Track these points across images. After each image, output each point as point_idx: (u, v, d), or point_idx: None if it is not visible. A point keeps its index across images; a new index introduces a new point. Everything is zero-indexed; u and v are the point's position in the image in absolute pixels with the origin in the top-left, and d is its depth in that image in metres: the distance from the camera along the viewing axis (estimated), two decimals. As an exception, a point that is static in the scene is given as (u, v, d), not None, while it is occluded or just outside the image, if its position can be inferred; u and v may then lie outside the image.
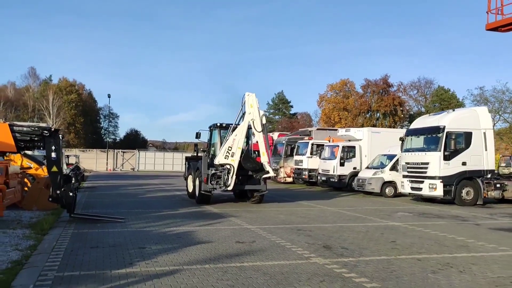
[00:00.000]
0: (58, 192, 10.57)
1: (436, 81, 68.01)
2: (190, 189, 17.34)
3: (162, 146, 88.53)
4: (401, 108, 58.60)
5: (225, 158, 14.86)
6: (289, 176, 29.16)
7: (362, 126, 56.17)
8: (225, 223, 11.38)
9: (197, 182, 16.14)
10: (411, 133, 18.34)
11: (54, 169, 10.59)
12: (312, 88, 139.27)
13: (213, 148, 16.88)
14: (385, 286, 5.83)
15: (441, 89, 62.88)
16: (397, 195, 19.79)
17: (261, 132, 15.04)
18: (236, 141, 14.94)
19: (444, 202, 17.19)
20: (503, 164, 27.37)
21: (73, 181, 10.89)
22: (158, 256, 7.37)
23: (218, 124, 16.75)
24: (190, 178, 17.56)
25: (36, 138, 10.64)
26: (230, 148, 14.87)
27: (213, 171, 14.98)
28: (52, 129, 10.70)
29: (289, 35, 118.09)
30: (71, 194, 10.67)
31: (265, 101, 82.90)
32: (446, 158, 16.36)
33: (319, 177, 24.79)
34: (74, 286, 5.62)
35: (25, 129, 10.58)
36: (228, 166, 14.85)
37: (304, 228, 10.69)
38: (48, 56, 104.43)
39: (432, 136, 17.01)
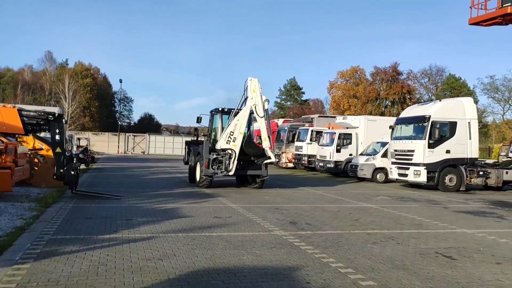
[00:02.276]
0: (61, 170, 11.81)
1: (447, 69, 67.70)
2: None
3: (176, 131, 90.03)
4: (409, 96, 58.75)
5: (226, 143, 15.01)
6: (290, 162, 30.18)
7: (371, 113, 56.69)
8: (212, 201, 12.50)
9: (198, 166, 16.31)
10: (400, 121, 19.15)
11: (58, 150, 11.82)
12: (326, 74, 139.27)
13: (213, 133, 16.83)
14: (324, 252, 6.86)
15: (452, 77, 62.74)
16: (388, 180, 20.63)
17: (263, 118, 15.17)
18: (238, 126, 15.06)
19: (430, 188, 18.07)
20: (503, 153, 27.92)
21: (74, 161, 12.11)
22: (140, 226, 8.52)
23: (220, 109, 16.66)
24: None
25: (41, 122, 11.86)
26: (232, 133, 14.99)
27: (214, 156, 15.14)
28: (56, 114, 11.88)
29: (305, 21, 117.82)
30: (72, 172, 11.90)
31: (277, 87, 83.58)
32: (431, 146, 17.16)
33: (317, 163, 25.77)
34: (64, 246, 6.77)
35: (32, 113, 11.76)
36: (230, 151, 15.05)
37: (282, 207, 11.74)
38: (65, 40, 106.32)
39: (418, 125, 17.80)
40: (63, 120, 12.09)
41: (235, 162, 15.04)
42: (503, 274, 5.98)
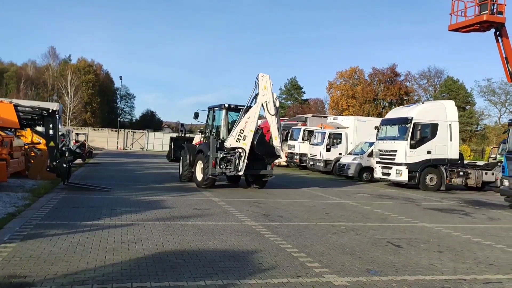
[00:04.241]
0: (54, 163, 12.52)
1: (446, 71, 68.33)
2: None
3: (177, 128, 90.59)
4: (406, 98, 59.35)
5: (236, 141, 14.39)
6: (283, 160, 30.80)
7: (368, 114, 57.30)
8: (196, 195, 13.18)
9: (198, 165, 15.43)
10: (385, 123, 19.82)
11: (51, 144, 12.52)
12: (327, 74, 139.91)
13: (214, 130, 16.08)
14: (285, 240, 7.53)
15: (450, 79, 63.25)
16: (374, 179, 21.24)
17: (274, 116, 14.64)
18: (248, 123, 14.43)
19: (412, 187, 18.71)
20: (493, 155, 28.50)
21: (67, 155, 12.82)
22: (123, 215, 9.21)
23: (226, 105, 15.68)
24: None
25: (36, 117, 12.56)
26: (242, 131, 14.36)
27: (222, 155, 14.44)
28: (50, 110, 12.57)
29: (307, 20, 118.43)
30: (64, 165, 12.61)
31: (277, 86, 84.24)
32: (412, 146, 17.83)
33: (308, 161, 26.49)
34: (48, 230, 7.47)
35: (27, 109, 12.44)
36: (240, 150, 14.41)
37: (261, 202, 12.41)
38: (68, 36, 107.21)
39: (402, 126, 18.46)
40: (57, 115, 12.79)
41: (245, 161, 14.46)
42: (439, 260, 6.65)
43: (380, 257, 6.67)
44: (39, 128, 13.88)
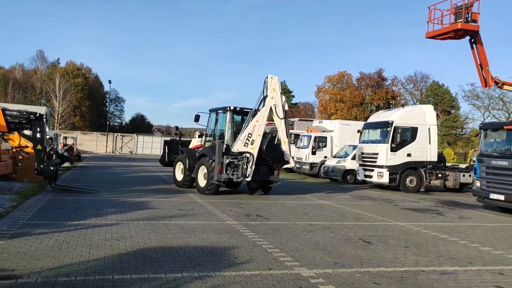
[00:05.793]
0: (41, 166, 12.82)
1: (432, 76, 69.46)
2: (179, 177, 16.17)
3: (168, 132, 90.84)
4: (392, 102, 60.25)
5: (244, 145, 13.86)
6: (271, 163, 31.29)
7: (356, 118, 58.01)
8: (182, 197, 13.54)
9: (201, 171, 14.78)
10: (367, 126, 20.38)
11: (39, 147, 12.83)
12: (317, 78, 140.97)
13: (216, 133, 15.54)
14: (262, 237, 7.94)
15: (436, 84, 64.32)
16: (358, 181, 21.75)
17: (283, 119, 14.27)
18: (256, 127, 13.88)
19: (393, 189, 19.25)
20: (474, 158, 29.21)
21: (54, 158, 13.11)
22: (108, 215, 9.55)
23: (232, 108, 14.95)
24: (178, 165, 16.29)
25: (24, 121, 12.85)
26: (250, 135, 13.83)
27: (229, 160, 13.89)
28: (37, 114, 12.88)
29: (301, 23, 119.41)
30: (51, 168, 12.90)
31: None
32: (393, 149, 18.40)
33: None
34: (35, 229, 7.80)
35: (14, 113, 12.73)
36: (248, 155, 13.92)
37: (244, 202, 12.81)
38: (57, 39, 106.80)
39: (383, 130, 19.02)
40: (44, 119, 13.09)
41: (253, 166, 13.96)
42: (404, 254, 7.11)
43: (349, 252, 7.11)
44: (27, 132, 14.20)
